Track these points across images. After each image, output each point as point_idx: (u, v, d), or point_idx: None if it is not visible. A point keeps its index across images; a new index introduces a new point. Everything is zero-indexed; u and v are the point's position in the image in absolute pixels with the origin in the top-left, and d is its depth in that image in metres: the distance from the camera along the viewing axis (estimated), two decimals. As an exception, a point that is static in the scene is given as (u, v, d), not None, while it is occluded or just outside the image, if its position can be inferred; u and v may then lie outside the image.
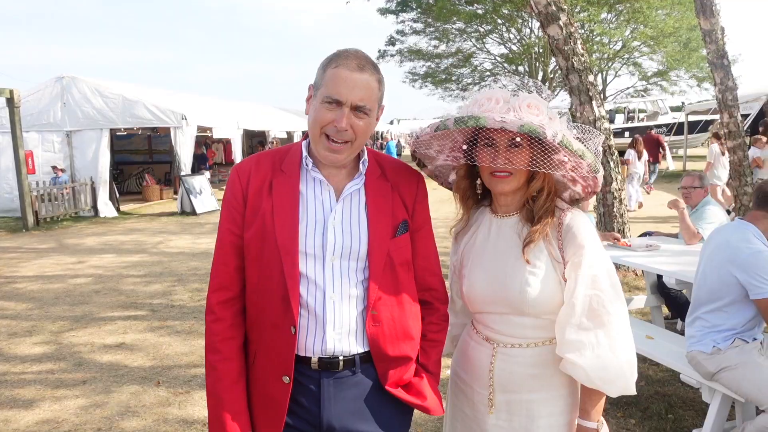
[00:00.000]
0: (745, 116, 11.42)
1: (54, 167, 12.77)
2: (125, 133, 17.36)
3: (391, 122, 48.62)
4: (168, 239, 9.98)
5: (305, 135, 1.53)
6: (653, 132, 16.41)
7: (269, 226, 1.43)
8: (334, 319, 1.44)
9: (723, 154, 9.56)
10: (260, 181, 1.47)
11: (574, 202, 1.59)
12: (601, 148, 1.48)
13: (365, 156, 1.51)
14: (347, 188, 1.48)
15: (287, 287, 1.41)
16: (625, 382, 1.43)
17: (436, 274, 1.60)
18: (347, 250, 1.45)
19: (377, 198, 1.49)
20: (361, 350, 1.47)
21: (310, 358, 1.45)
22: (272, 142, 12.07)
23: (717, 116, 7.65)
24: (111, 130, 13.43)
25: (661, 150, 15.07)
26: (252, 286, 1.48)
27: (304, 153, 1.49)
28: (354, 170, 1.51)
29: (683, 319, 4.39)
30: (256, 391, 1.49)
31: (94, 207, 13.19)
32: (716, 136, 9.78)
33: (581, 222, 1.49)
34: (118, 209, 13.79)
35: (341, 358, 1.45)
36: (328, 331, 1.44)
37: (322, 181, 1.48)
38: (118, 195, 14.38)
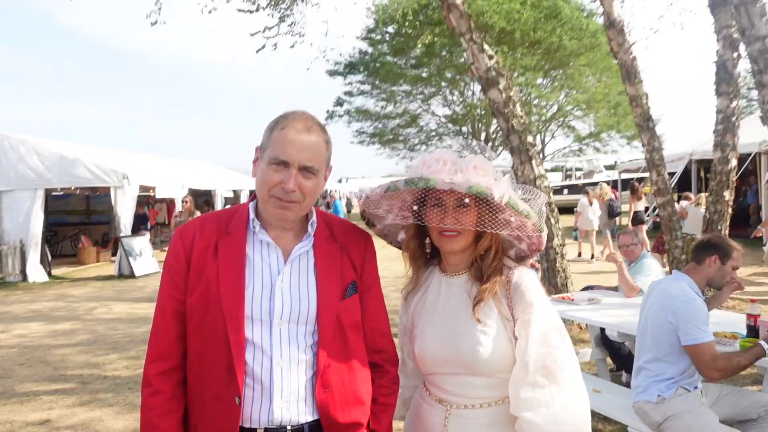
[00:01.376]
0: (671, 174, 12.24)
1: None
2: (62, 193, 16.68)
3: (340, 180, 49.13)
4: (103, 305, 9.44)
5: (252, 195, 1.51)
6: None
7: (214, 291, 1.38)
8: (282, 387, 1.38)
9: (591, 204, 12.45)
10: (205, 243, 1.43)
11: (520, 259, 1.62)
12: (544, 208, 1.54)
13: (314, 217, 1.50)
14: (295, 250, 1.46)
15: (232, 354, 1.35)
16: None
17: (387, 335, 1.57)
18: (296, 314, 1.41)
19: (326, 259, 1.47)
20: (310, 418, 1.41)
21: (256, 429, 1.38)
22: (185, 202, 11.49)
23: (647, 174, 8.17)
24: (46, 190, 12.87)
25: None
26: (193, 354, 1.41)
27: (251, 215, 1.46)
28: (302, 231, 1.49)
29: (627, 371, 4.49)
30: (197, 467, 1.39)
31: (23, 271, 12.40)
32: (585, 192, 12.95)
33: (529, 279, 1.52)
34: (49, 273, 13.00)
35: (289, 427, 1.39)
36: (276, 399, 1.37)
37: (270, 244, 1.45)
38: (50, 258, 13.60)
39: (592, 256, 12.19)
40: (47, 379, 5.46)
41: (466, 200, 1.45)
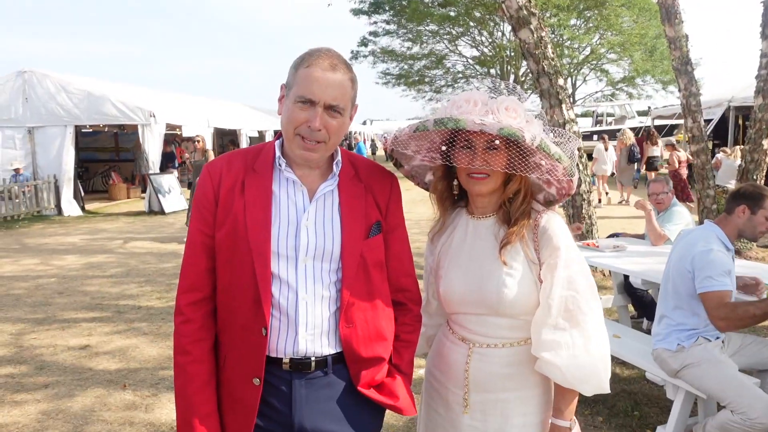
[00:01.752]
0: (708, 121, 11.80)
1: (15, 169, 12.34)
2: (91, 130, 16.92)
3: (364, 123, 48.66)
4: (135, 239, 9.76)
5: (278, 134, 1.51)
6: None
7: (241, 227, 1.41)
8: (307, 320, 1.42)
9: (606, 150, 12.72)
10: (232, 180, 1.45)
11: (549, 203, 1.60)
12: (576, 152, 1.50)
13: (339, 156, 1.50)
14: (321, 189, 1.46)
15: (259, 288, 1.39)
16: (599, 381, 1.46)
17: (410, 275, 1.59)
18: (320, 251, 1.43)
19: (351, 199, 1.48)
20: (333, 351, 1.46)
21: (281, 359, 1.43)
22: (197, 141, 11.34)
23: (681, 121, 7.89)
24: (76, 126, 13.07)
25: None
26: (223, 287, 1.45)
27: (278, 153, 1.47)
28: (327, 171, 1.49)
29: (649, 319, 4.50)
30: (225, 393, 1.47)
31: (58, 206, 12.82)
32: (602, 138, 13.34)
33: (557, 224, 1.51)
34: (83, 208, 13.42)
35: (313, 359, 1.44)
36: (300, 332, 1.42)
37: (296, 182, 1.46)
38: (83, 193, 14.00)
39: (607, 194, 12.63)
40: (85, 307, 5.74)
41: (497, 142, 1.42)
